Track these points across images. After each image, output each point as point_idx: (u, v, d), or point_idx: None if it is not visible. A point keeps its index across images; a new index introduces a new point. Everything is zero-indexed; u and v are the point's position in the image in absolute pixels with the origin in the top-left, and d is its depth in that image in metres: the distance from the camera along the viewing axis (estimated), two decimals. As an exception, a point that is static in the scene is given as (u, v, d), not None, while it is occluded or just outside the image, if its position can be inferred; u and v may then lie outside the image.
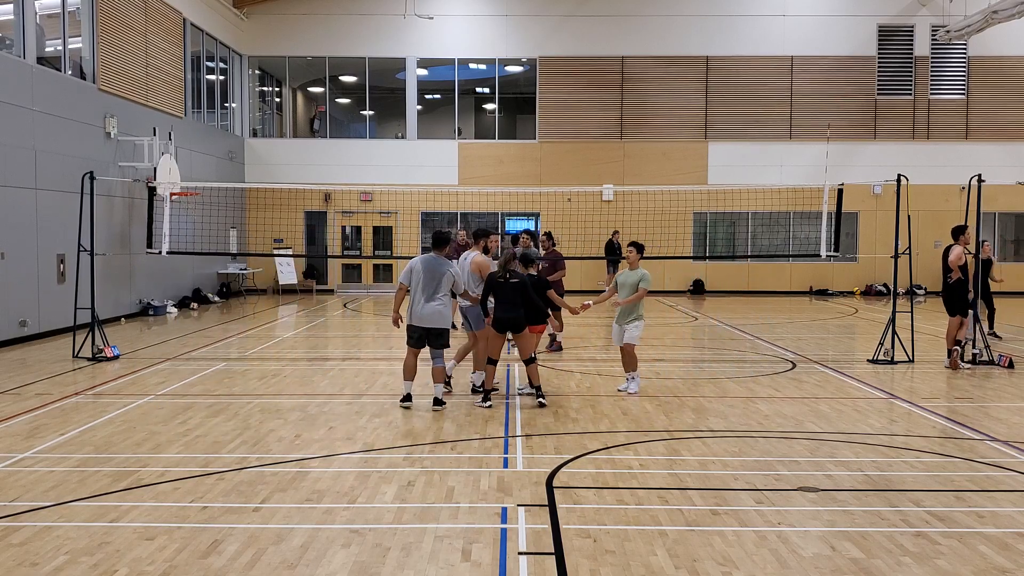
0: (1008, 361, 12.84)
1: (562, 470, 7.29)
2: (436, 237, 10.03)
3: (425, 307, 9.63)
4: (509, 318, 9.75)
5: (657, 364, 13.09)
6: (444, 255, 9.94)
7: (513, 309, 9.72)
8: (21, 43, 15.79)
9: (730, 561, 5.36)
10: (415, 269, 9.73)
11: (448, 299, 9.82)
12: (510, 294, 9.75)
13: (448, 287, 9.72)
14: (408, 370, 9.83)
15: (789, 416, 9.52)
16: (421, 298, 9.64)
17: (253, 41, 27.71)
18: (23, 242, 15.47)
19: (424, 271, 9.68)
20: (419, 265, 9.74)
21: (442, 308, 9.68)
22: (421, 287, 9.65)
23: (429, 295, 9.62)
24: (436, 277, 9.65)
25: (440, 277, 9.65)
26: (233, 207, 24.71)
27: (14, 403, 10.06)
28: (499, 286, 9.77)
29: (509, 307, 9.73)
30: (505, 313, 9.74)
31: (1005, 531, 5.92)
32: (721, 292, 27.14)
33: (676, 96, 27.80)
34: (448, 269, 9.76)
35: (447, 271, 9.72)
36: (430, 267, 9.70)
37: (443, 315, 9.70)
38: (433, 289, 9.63)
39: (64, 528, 5.89)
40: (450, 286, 9.74)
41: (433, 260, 9.78)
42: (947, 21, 26.71)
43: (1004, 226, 28.01)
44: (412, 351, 9.82)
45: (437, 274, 9.66)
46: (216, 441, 8.31)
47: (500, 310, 9.77)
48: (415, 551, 5.51)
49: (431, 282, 9.63)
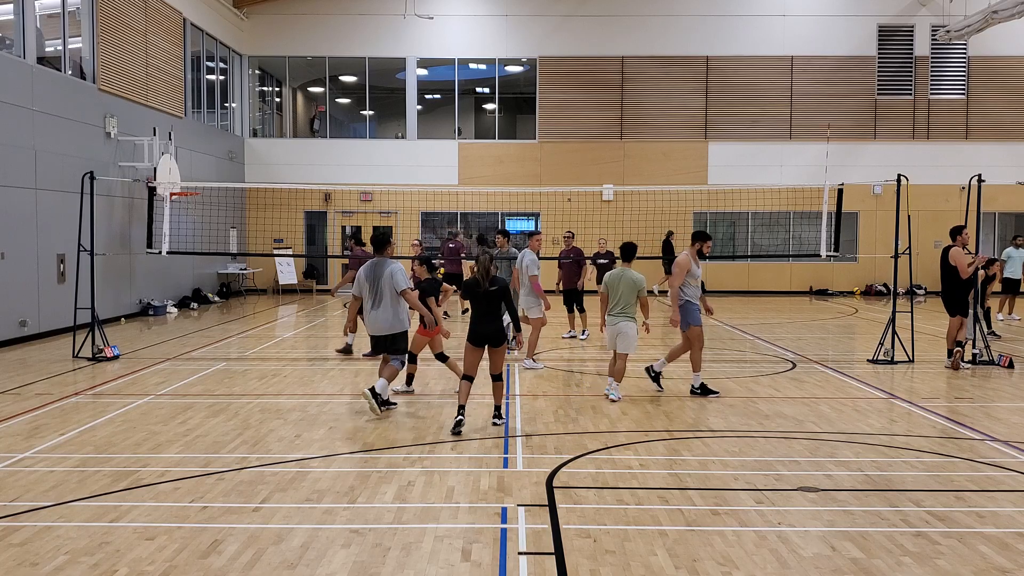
0: (1008, 361, 12.85)
1: (562, 470, 7.29)
2: (375, 239, 9.68)
3: (374, 314, 9.41)
4: (491, 331, 8.83)
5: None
6: (387, 256, 9.61)
7: (494, 320, 8.87)
8: (21, 43, 15.79)
9: (730, 561, 5.36)
10: (359, 278, 9.52)
11: (396, 301, 9.41)
12: (492, 304, 8.86)
13: (390, 288, 9.34)
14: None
15: (789, 416, 9.52)
16: (369, 306, 9.42)
17: (253, 41, 27.71)
18: (23, 242, 15.47)
19: (367, 279, 9.45)
20: (362, 274, 9.51)
21: (392, 314, 9.40)
22: (367, 295, 9.43)
23: (375, 301, 9.38)
24: (378, 281, 9.38)
25: (381, 280, 9.36)
26: (233, 207, 24.72)
27: (14, 403, 10.07)
28: (479, 296, 8.88)
29: (491, 318, 8.85)
30: (486, 326, 8.83)
31: (1005, 531, 5.92)
32: (721, 292, 27.13)
33: (676, 96, 27.81)
34: (387, 269, 9.38)
35: (385, 271, 9.37)
36: (372, 273, 9.45)
37: (394, 320, 9.44)
38: (378, 295, 9.36)
39: (64, 528, 5.89)
40: (391, 286, 9.34)
41: (375, 265, 9.50)
42: (947, 21, 26.71)
43: (1004, 226, 27.99)
44: (381, 357, 9.69)
45: (379, 278, 9.39)
46: (216, 441, 8.31)
47: (481, 322, 8.85)
48: (415, 551, 5.51)
49: (374, 288, 9.39)
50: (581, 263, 16.51)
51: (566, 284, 16.26)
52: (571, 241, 16.74)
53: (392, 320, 9.46)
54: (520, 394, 10.69)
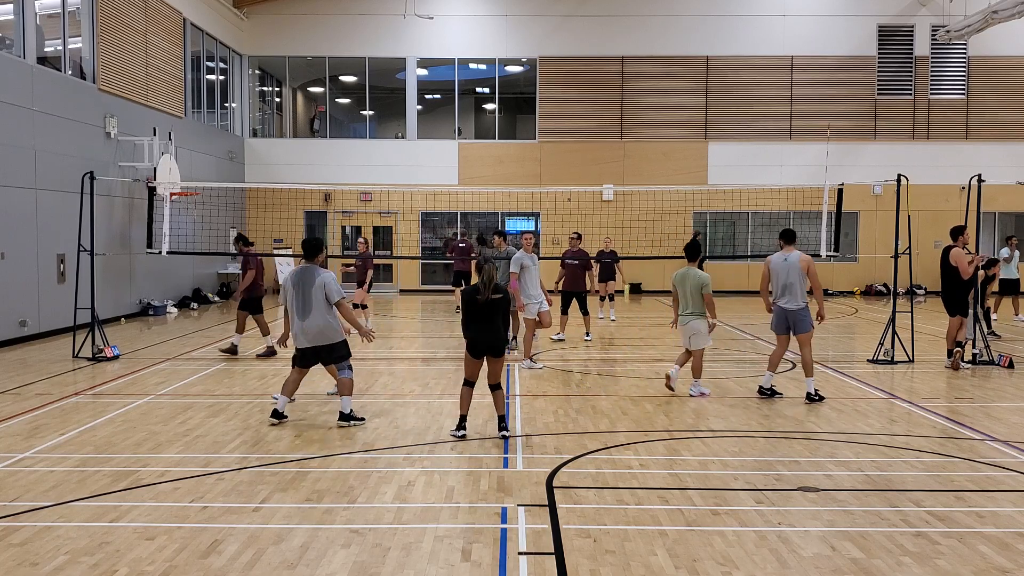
0: (1008, 361, 12.84)
1: (562, 470, 7.29)
2: (306, 244, 9.12)
3: (305, 325, 8.82)
4: (491, 341, 8.29)
5: (657, 364, 13.09)
6: (318, 263, 9.08)
7: (494, 330, 8.30)
8: (21, 43, 15.79)
9: (730, 561, 5.36)
10: (285, 287, 8.95)
11: (329, 310, 8.85)
12: (493, 313, 8.32)
13: (322, 297, 8.77)
14: (290, 384, 9.13)
15: (789, 416, 9.52)
16: (296, 317, 8.85)
17: (253, 41, 27.72)
18: (23, 242, 15.47)
19: (294, 287, 8.85)
20: (288, 282, 8.92)
21: (324, 323, 8.82)
22: (293, 305, 8.85)
23: (304, 311, 8.79)
24: (307, 291, 8.78)
25: (311, 289, 8.77)
26: (233, 207, 24.71)
27: (14, 403, 10.06)
28: (479, 304, 8.26)
29: (491, 328, 8.28)
30: (486, 335, 8.27)
31: (1005, 531, 5.91)
32: (721, 292, 27.07)
33: (676, 96, 27.81)
34: (317, 278, 8.80)
35: (317, 280, 8.80)
36: (301, 281, 8.84)
37: (327, 330, 8.87)
38: (306, 304, 8.78)
39: (64, 528, 5.89)
40: (323, 296, 8.78)
41: (303, 272, 8.90)
42: (947, 21, 26.71)
43: (1004, 226, 28.00)
44: (298, 370, 9.09)
45: (308, 287, 8.79)
46: (216, 441, 8.31)
47: (480, 331, 8.27)
48: (415, 551, 5.51)
49: (302, 297, 8.79)
50: (587, 266, 16.28)
51: (567, 286, 15.92)
52: (577, 242, 16.45)
53: (326, 329, 8.87)
54: (520, 394, 10.69)
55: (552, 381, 11.61)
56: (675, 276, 10.61)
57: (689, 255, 10.65)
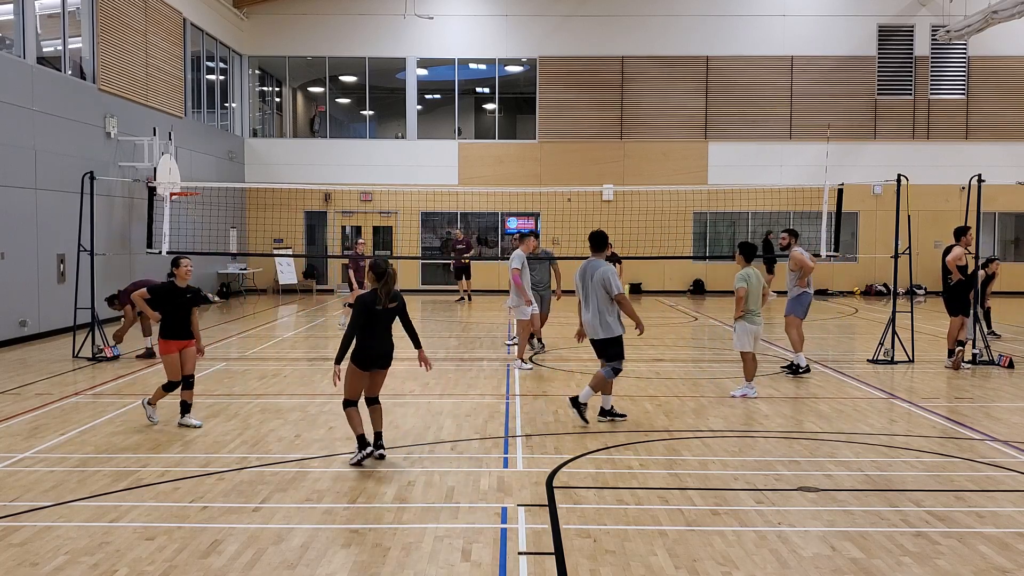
0: (1008, 361, 12.84)
1: (562, 470, 7.29)
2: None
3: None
4: (385, 351, 7.58)
5: (657, 364, 13.10)
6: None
7: (389, 338, 7.61)
8: (21, 43, 15.79)
9: (730, 561, 5.36)
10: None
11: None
12: (390, 322, 7.61)
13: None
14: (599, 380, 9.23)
15: (789, 416, 9.52)
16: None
17: (253, 41, 27.71)
18: (23, 242, 15.47)
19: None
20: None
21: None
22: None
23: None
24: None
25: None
26: (233, 207, 24.71)
27: (14, 403, 10.06)
28: (376, 314, 7.45)
29: (387, 336, 7.58)
30: (382, 345, 7.54)
31: (1005, 531, 5.91)
32: (721, 292, 27.10)
33: (676, 96, 27.80)
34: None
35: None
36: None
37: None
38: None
39: (64, 528, 5.89)
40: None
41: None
42: (947, 21, 26.69)
43: (1004, 226, 28.00)
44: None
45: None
46: (216, 441, 8.31)
47: (377, 340, 7.49)
48: (415, 551, 5.51)
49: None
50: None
51: None
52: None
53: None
54: (520, 394, 10.69)
55: (552, 381, 11.61)
56: (749, 276, 10.62)
57: (745, 255, 10.82)
